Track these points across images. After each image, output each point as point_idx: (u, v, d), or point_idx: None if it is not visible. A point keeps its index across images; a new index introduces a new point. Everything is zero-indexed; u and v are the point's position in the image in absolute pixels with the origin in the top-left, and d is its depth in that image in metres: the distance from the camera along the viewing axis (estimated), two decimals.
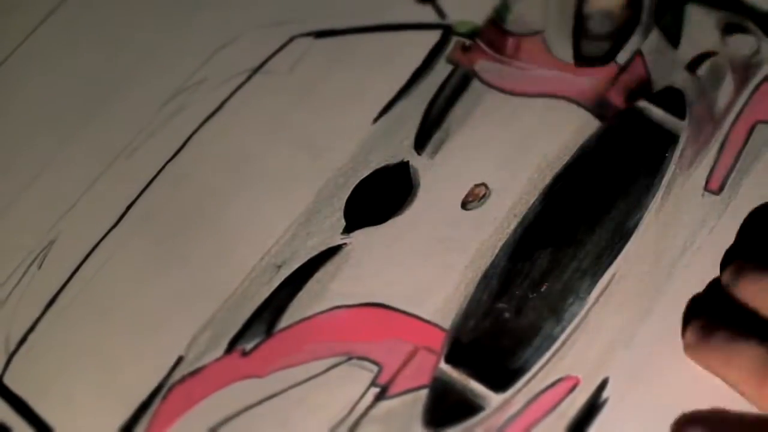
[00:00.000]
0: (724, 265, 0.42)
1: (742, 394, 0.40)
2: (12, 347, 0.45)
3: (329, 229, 0.46)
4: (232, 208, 0.47)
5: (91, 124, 0.49)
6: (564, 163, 0.46)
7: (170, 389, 0.43)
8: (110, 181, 0.48)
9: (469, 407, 0.41)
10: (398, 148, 0.47)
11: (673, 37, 0.48)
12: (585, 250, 0.44)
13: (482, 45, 0.48)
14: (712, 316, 0.42)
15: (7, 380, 0.45)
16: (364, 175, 0.47)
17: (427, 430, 0.41)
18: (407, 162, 0.47)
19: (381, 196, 0.47)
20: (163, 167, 0.48)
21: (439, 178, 0.47)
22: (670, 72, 0.48)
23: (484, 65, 0.48)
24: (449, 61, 0.48)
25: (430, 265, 0.45)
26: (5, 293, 0.46)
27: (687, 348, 0.42)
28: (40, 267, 0.47)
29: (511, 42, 0.48)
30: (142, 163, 0.48)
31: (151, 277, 0.46)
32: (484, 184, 0.46)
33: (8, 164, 0.49)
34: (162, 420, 0.43)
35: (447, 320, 0.43)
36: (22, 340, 0.45)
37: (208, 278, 0.46)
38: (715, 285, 0.43)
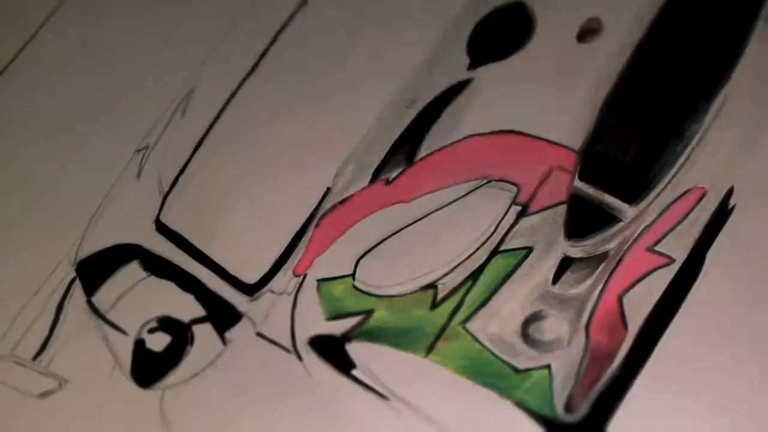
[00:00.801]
0: None
1: None
2: (165, 188, 0.47)
3: (455, 66, 0.48)
4: (361, 49, 0.48)
5: None
6: None
7: (322, 217, 0.46)
8: None
9: (607, 218, 0.44)
10: None
11: None
12: (697, 74, 0.46)
13: None
14: None
15: (164, 218, 0.47)
16: (483, 15, 0.48)
17: (570, 240, 0.44)
18: (522, 1, 0.48)
19: (500, 35, 0.48)
20: None
21: (554, 14, 0.48)
22: None
23: None
24: None
25: (555, 94, 0.47)
26: (153, 139, 0.48)
27: None
28: (183, 114, 0.48)
29: None
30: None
31: (289, 118, 0.48)
32: (597, 18, 0.48)
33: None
34: (316, 245, 0.45)
35: (576, 142, 0.45)
36: (174, 182, 0.47)
37: (343, 116, 0.47)
38: None
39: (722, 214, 0.43)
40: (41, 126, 0.49)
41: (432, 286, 0.44)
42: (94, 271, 0.46)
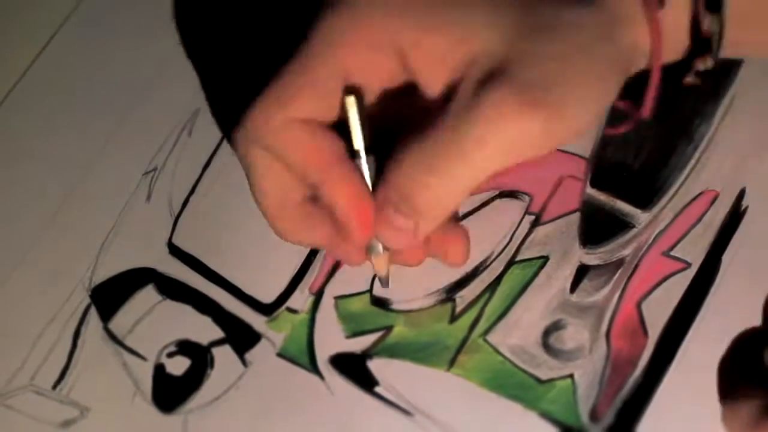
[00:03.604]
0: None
1: None
2: (176, 210, 0.46)
3: None
4: None
5: None
6: None
7: None
8: None
9: (621, 224, 0.43)
10: None
11: None
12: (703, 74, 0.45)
13: None
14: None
15: (177, 241, 0.45)
16: None
17: (585, 248, 0.43)
18: None
19: None
20: None
21: None
22: None
23: None
24: None
25: None
26: (161, 161, 0.47)
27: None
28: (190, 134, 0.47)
29: None
30: None
31: None
32: None
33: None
34: (332, 262, 0.44)
35: (586, 150, 0.45)
36: (185, 203, 0.46)
37: None
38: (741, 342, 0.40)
39: (735, 216, 0.42)
40: (48, 152, 0.48)
41: (450, 299, 0.42)
42: (110, 296, 0.45)
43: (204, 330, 0.43)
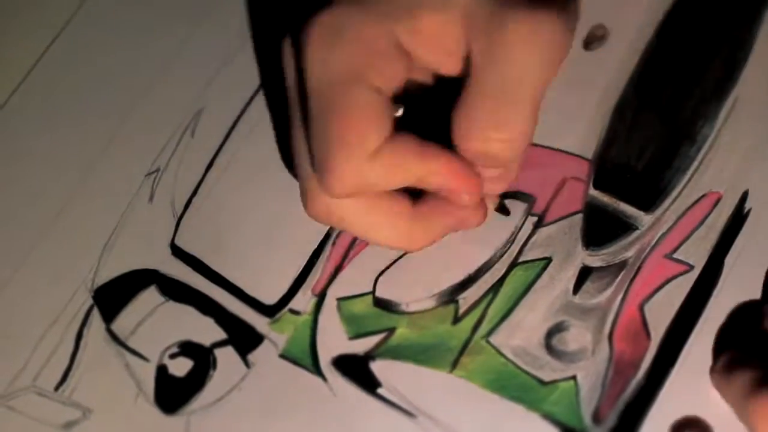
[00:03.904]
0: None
1: (736, 414, 0.38)
2: (179, 211, 0.46)
3: None
4: None
5: None
6: None
7: (338, 235, 0.44)
8: None
9: (624, 226, 0.43)
10: None
11: None
12: (706, 76, 0.45)
13: None
14: (742, 346, 0.40)
15: (179, 242, 0.45)
16: None
17: (588, 249, 0.42)
18: None
19: None
20: None
21: None
22: None
23: None
24: None
25: (565, 104, 0.46)
26: (164, 162, 0.47)
27: (711, 373, 0.40)
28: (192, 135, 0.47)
29: None
30: None
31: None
32: (602, 25, 0.47)
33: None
34: (334, 263, 0.44)
35: (589, 151, 0.44)
36: (188, 204, 0.46)
37: None
38: (742, 311, 0.41)
39: (738, 218, 0.42)
40: (50, 153, 0.48)
41: (453, 300, 0.42)
42: (112, 298, 0.44)
43: (206, 331, 0.43)
